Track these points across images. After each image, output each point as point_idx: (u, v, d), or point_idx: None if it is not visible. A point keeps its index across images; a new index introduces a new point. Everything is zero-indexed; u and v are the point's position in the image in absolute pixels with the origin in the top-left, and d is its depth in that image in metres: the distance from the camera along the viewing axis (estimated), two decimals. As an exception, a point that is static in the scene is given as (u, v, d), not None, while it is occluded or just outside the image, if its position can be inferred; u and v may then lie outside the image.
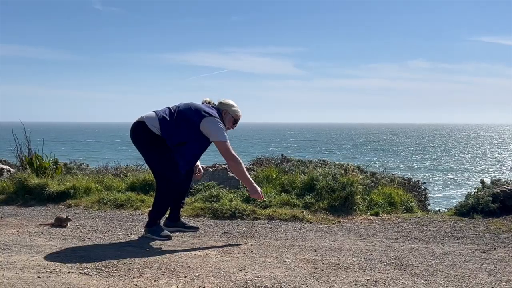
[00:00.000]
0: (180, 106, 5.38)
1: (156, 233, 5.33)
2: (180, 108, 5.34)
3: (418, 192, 8.43)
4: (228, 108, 5.49)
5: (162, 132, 5.21)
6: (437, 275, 4.01)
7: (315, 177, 7.26)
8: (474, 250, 4.95)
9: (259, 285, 3.66)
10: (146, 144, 5.31)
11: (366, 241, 5.36)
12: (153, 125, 5.23)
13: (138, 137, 5.34)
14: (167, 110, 5.35)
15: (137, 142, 5.37)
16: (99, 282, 3.78)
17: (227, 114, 5.48)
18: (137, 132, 5.33)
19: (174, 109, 5.35)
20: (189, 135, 5.23)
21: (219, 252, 4.73)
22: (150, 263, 4.31)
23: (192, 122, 5.21)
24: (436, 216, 6.77)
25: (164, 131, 5.22)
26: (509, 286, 3.73)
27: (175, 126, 5.22)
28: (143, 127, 5.26)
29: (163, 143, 5.23)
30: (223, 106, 5.49)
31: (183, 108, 5.33)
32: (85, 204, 7.34)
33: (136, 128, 5.34)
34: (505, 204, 6.58)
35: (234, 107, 5.53)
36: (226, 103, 5.51)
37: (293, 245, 5.08)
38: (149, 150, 5.33)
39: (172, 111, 5.32)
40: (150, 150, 5.33)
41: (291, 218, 6.42)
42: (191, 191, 7.35)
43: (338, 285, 3.72)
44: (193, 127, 5.21)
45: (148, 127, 5.23)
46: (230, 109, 5.50)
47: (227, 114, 5.48)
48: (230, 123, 5.52)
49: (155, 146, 5.25)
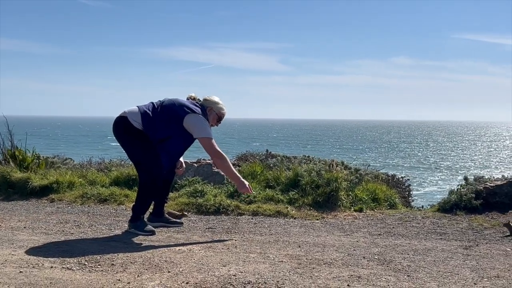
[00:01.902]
0: (164, 101, 5.35)
1: (140, 228, 5.31)
2: (164, 104, 5.31)
3: (402, 189, 8.48)
4: (212, 105, 5.47)
5: (144, 127, 5.19)
6: (420, 271, 4.03)
7: (300, 173, 7.27)
8: (456, 246, 4.99)
9: (242, 281, 3.66)
10: (128, 139, 5.28)
11: (350, 237, 5.38)
12: (135, 120, 5.20)
13: (120, 132, 5.31)
14: (151, 105, 5.32)
15: (119, 137, 5.34)
16: (81, 277, 3.76)
17: (211, 111, 5.45)
18: (119, 127, 5.30)
19: (157, 104, 5.32)
20: (173, 131, 5.21)
21: (203, 248, 4.73)
22: (134, 258, 4.29)
23: (175, 118, 5.19)
24: (420, 212, 6.81)
25: (146, 126, 5.19)
26: (490, 282, 3.77)
27: (158, 122, 5.20)
28: (125, 122, 5.23)
29: (145, 138, 5.20)
30: (207, 103, 5.46)
31: (167, 104, 5.30)
32: (68, 199, 7.29)
33: (118, 123, 5.31)
34: (487, 201, 6.64)
35: (219, 104, 5.51)
36: (211, 100, 5.49)
37: (277, 241, 5.09)
38: (131, 145, 5.30)
39: (156, 107, 5.29)
40: (132, 145, 5.30)
41: (276, 214, 6.43)
42: (176, 186, 7.33)
43: (322, 280, 3.73)
44: (176, 123, 5.19)
45: (130, 122, 5.20)
46: (214, 106, 5.47)
47: (212, 111, 5.46)
48: (214, 120, 5.50)
49: (137, 141, 5.23)
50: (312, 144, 70.68)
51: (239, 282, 3.63)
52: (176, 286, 3.56)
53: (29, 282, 3.60)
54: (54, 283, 3.59)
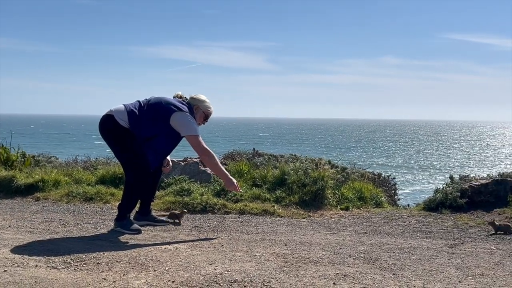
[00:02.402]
0: (150, 100, 5.33)
1: (126, 226, 5.29)
2: (150, 102, 5.29)
3: (388, 187, 8.52)
4: (199, 103, 5.46)
5: (130, 125, 5.17)
6: (405, 269, 4.05)
7: (287, 171, 7.28)
8: (442, 245, 5.02)
9: (229, 279, 3.66)
10: (115, 137, 5.26)
11: (336, 236, 5.39)
12: (122, 119, 5.18)
13: (106, 131, 5.28)
14: (137, 103, 5.31)
15: (105, 135, 5.31)
16: (67, 275, 3.74)
17: (198, 109, 5.44)
18: (106, 125, 5.27)
19: (144, 102, 5.31)
20: (159, 129, 5.19)
21: (189, 246, 4.72)
22: (119, 256, 4.27)
23: (162, 116, 5.18)
24: (405, 211, 6.85)
25: (133, 124, 5.17)
26: (475, 280, 3.79)
27: (144, 120, 5.18)
28: (111, 120, 5.21)
29: (132, 137, 5.18)
30: (194, 101, 5.46)
31: (153, 102, 5.28)
32: (53, 197, 7.25)
33: (104, 121, 5.29)
34: (473, 199, 6.69)
35: (205, 103, 5.50)
36: (197, 99, 5.48)
37: (264, 239, 5.09)
38: (118, 144, 5.28)
39: (142, 105, 5.27)
40: (118, 144, 5.28)
41: (262, 212, 6.44)
42: (162, 184, 7.31)
43: (308, 278, 3.73)
44: (163, 121, 5.17)
45: (117, 121, 5.18)
46: (201, 104, 5.46)
47: (198, 110, 5.45)
48: (201, 118, 5.49)
49: (124, 140, 5.21)
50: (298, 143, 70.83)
51: (225, 281, 3.63)
52: (162, 284, 3.55)
53: (14, 281, 3.57)
54: (39, 282, 3.56)
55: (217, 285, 3.54)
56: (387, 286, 3.61)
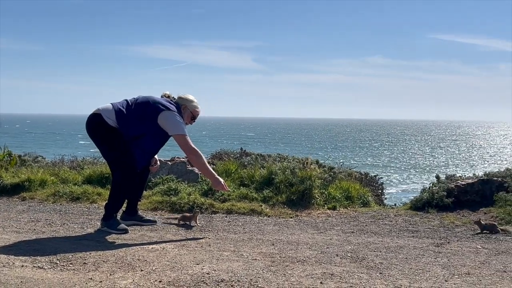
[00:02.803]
0: (138, 99, 5.32)
1: (113, 226, 5.27)
2: (138, 101, 5.27)
3: (375, 187, 8.56)
4: (187, 103, 5.45)
5: (118, 124, 5.15)
6: (392, 268, 4.07)
7: (274, 171, 7.28)
8: (428, 244, 5.05)
9: (216, 279, 3.66)
10: (102, 136, 5.23)
11: (323, 235, 5.40)
12: (109, 118, 5.16)
13: (94, 130, 5.26)
14: (125, 102, 5.28)
15: (93, 134, 5.29)
16: (53, 275, 3.72)
17: (186, 109, 5.43)
18: (93, 124, 5.25)
19: (131, 101, 5.28)
20: (147, 128, 5.18)
21: (176, 246, 4.71)
22: (106, 256, 4.26)
23: (149, 115, 5.16)
24: (392, 210, 6.88)
25: (121, 123, 5.15)
26: (461, 279, 3.82)
27: (132, 119, 5.16)
28: (99, 119, 5.19)
29: (119, 136, 5.16)
30: (182, 101, 5.44)
31: (141, 101, 5.26)
32: (40, 197, 7.20)
33: (92, 120, 5.26)
34: (459, 199, 6.73)
35: (193, 103, 5.49)
36: (185, 98, 5.47)
37: (251, 239, 5.09)
38: (105, 143, 5.26)
39: (130, 104, 5.25)
40: (106, 143, 5.25)
41: (250, 212, 6.44)
42: (149, 184, 7.28)
43: (295, 278, 3.74)
44: (151, 121, 5.16)
45: (104, 119, 5.16)
46: (189, 104, 5.45)
47: (186, 109, 5.44)
48: (189, 118, 5.48)
49: (111, 139, 5.18)
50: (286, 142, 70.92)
51: (212, 280, 3.62)
52: (149, 284, 3.54)
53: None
54: (25, 282, 3.54)
55: (204, 285, 3.54)
56: (374, 285, 3.63)
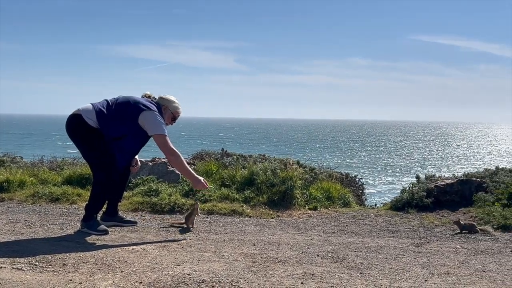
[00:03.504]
0: (118, 99, 5.28)
1: (93, 227, 5.23)
2: (118, 101, 5.24)
3: (356, 187, 8.60)
4: (168, 104, 5.42)
5: (99, 124, 5.11)
6: (372, 268, 4.09)
7: (255, 171, 7.29)
8: (408, 244, 5.08)
9: (197, 280, 3.65)
10: (82, 137, 5.18)
11: (304, 235, 5.42)
12: (90, 118, 5.12)
13: (74, 130, 5.21)
14: (105, 102, 5.24)
15: (73, 135, 5.24)
16: (32, 277, 3.68)
17: (166, 109, 5.40)
18: (73, 125, 5.20)
19: (112, 102, 5.24)
20: (128, 128, 5.14)
21: (157, 247, 4.69)
22: (86, 258, 4.22)
23: (130, 115, 5.13)
24: (372, 210, 6.92)
25: (101, 123, 5.11)
26: (441, 279, 3.85)
27: (112, 119, 5.12)
28: (79, 119, 5.14)
29: (100, 137, 5.12)
30: (163, 102, 5.41)
31: (122, 101, 5.23)
32: (19, 198, 7.13)
33: (72, 121, 5.21)
34: (438, 199, 6.79)
35: (174, 103, 5.45)
36: (166, 99, 5.43)
37: (232, 239, 5.09)
38: (85, 144, 5.21)
39: (110, 104, 5.21)
40: (86, 144, 5.21)
41: (231, 213, 6.43)
42: (130, 185, 7.25)
43: (276, 278, 3.74)
44: (131, 120, 5.12)
45: (85, 120, 5.11)
46: (170, 105, 5.42)
47: (167, 110, 5.41)
48: (169, 119, 5.45)
49: (92, 140, 5.14)
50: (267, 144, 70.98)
51: (193, 281, 3.62)
52: (129, 285, 3.52)
53: (-23, 283, 3.50)
54: (4, 284, 3.50)
55: (185, 286, 3.53)
56: (354, 285, 3.64)
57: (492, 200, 6.51)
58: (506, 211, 6.08)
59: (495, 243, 5.22)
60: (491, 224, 5.86)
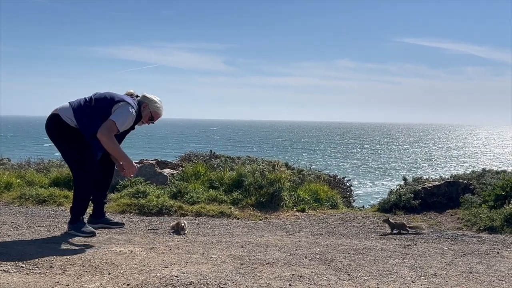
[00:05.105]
0: (96, 94, 5.19)
1: (79, 229, 5.19)
2: (95, 97, 5.14)
3: (343, 189, 8.63)
4: (149, 102, 5.33)
5: (77, 123, 5.04)
6: (360, 270, 4.10)
7: (243, 173, 7.29)
8: (395, 246, 5.10)
9: (185, 282, 3.64)
10: (62, 137, 5.11)
11: (292, 237, 5.42)
12: (68, 117, 5.05)
13: (52, 130, 5.14)
14: (82, 100, 5.16)
15: (52, 135, 5.16)
16: (19, 279, 3.65)
17: (146, 107, 5.31)
18: (51, 125, 5.13)
19: (89, 98, 5.16)
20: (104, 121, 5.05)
21: (145, 249, 4.67)
22: (73, 260, 4.20)
23: (106, 110, 5.04)
24: (360, 212, 6.94)
25: (79, 122, 5.03)
26: (428, 281, 3.86)
27: (90, 116, 5.04)
28: (57, 119, 5.08)
29: (79, 136, 5.04)
30: (145, 99, 5.33)
31: (98, 97, 5.14)
32: (5, 200, 7.08)
33: (50, 121, 5.14)
34: (425, 200, 6.83)
35: (156, 104, 5.36)
36: (149, 98, 5.35)
37: (220, 241, 5.08)
38: (65, 144, 5.13)
39: (88, 101, 5.13)
40: (65, 143, 5.13)
41: (219, 214, 6.43)
42: (117, 187, 7.22)
43: (264, 280, 3.74)
44: (108, 116, 5.03)
45: (63, 119, 5.05)
46: (151, 104, 5.33)
47: (146, 108, 5.31)
48: (146, 118, 5.34)
49: (71, 139, 5.06)
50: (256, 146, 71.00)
51: (181, 283, 3.60)
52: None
53: (-37, 286, 3.47)
54: (-11, 287, 3.48)
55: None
56: (342, 286, 3.65)
57: (479, 202, 6.56)
58: (492, 212, 6.12)
59: (482, 244, 5.26)
60: (478, 226, 5.89)
